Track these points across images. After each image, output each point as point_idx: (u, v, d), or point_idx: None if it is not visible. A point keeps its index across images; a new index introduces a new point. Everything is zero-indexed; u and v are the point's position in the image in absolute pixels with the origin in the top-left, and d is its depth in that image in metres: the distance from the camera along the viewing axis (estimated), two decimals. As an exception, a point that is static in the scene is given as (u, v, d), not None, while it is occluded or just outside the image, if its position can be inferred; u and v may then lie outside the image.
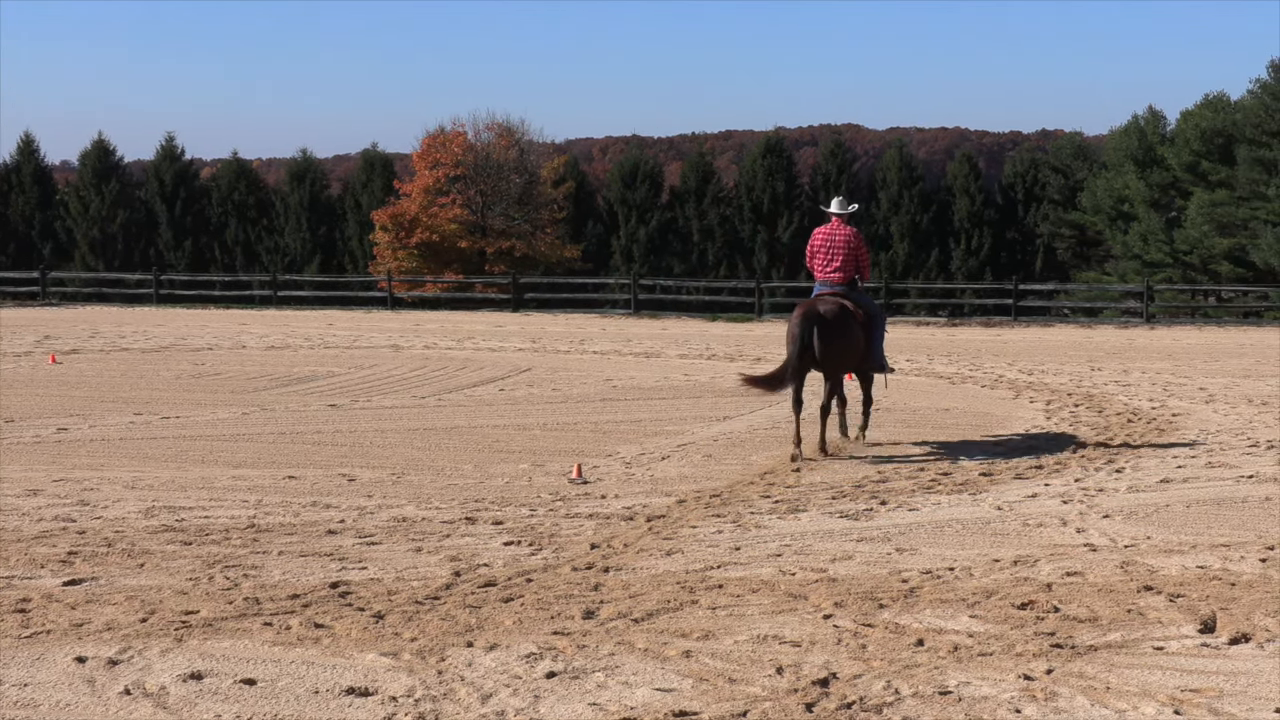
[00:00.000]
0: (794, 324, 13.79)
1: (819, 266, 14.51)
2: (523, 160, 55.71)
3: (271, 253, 65.99)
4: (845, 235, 14.48)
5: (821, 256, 14.50)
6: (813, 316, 13.79)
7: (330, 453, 13.80)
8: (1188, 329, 35.24)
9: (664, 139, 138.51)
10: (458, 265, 53.61)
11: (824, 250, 14.49)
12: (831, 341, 13.78)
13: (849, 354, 14.15)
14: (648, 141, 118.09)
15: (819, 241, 14.56)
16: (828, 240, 14.50)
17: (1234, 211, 54.34)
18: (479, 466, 13.01)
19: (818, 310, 13.88)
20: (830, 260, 14.42)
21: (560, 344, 28.63)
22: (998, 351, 26.93)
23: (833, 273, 14.41)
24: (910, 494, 11.56)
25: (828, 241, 14.50)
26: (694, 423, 16.24)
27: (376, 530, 9.99)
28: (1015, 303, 39.28)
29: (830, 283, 14.41)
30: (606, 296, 46.37)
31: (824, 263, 14.47)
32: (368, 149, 69.18)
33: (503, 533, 9.94)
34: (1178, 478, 12.33)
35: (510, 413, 17.18)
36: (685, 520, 10.42)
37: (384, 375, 21.79)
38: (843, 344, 13.94)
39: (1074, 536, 9.82)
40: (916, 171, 67.35)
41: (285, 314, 40.32)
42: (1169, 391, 19.62)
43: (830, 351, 13.81)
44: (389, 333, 31.66)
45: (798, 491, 11.69)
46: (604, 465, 13.13)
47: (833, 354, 13.87)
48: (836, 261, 14.39)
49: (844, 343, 13.94)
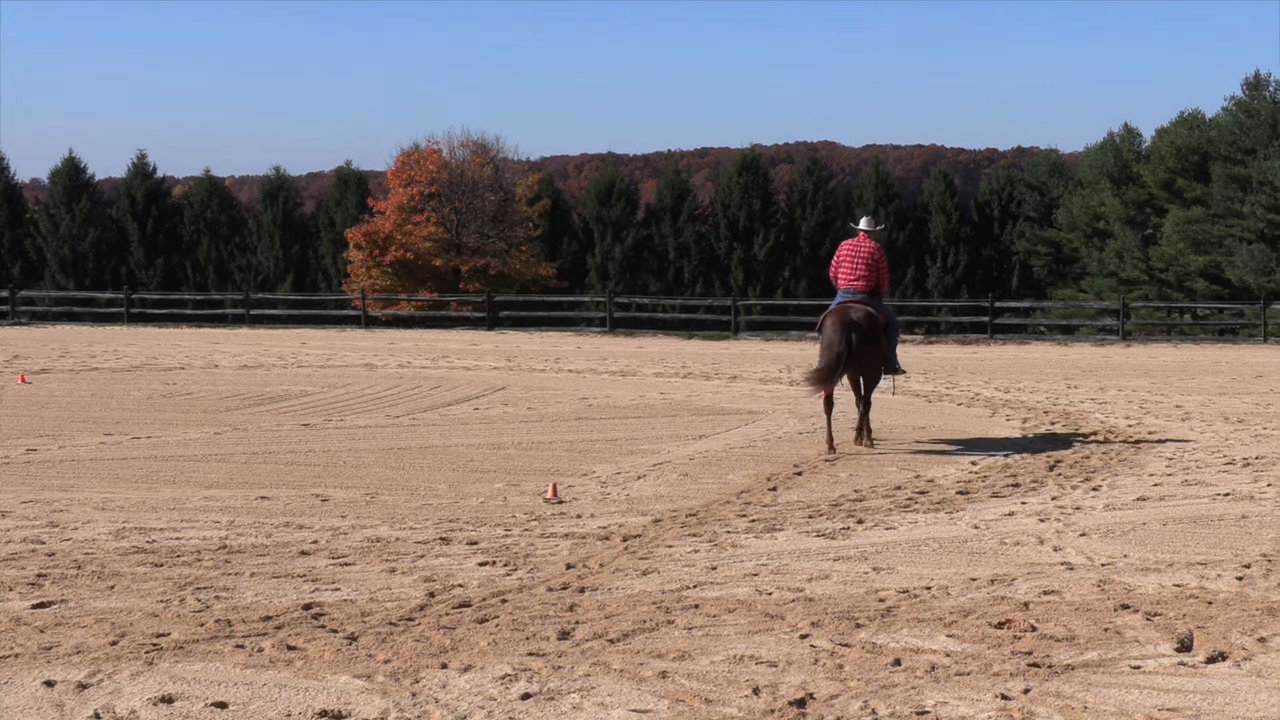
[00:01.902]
0: (830, 330, 15.19)
1: (844, 275, 15.81)
2: (498, 178, 55.77)
3: (244, 271, 65.84)
4: (870, 249, 15.85)
5: (847, 267, 15.81)
6: (849, 323, 15.16)
7: (303, 473, 13.75)
8: (1164, 346, 35.42)
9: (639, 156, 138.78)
10: (432, 283, 53.61)
11: (849, 261, 15.82)
12: (865, 344, 15.23)
13: (878, 356, 15.59)
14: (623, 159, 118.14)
15: (845, 253, 15.90)
16: (853, 252, 15.86)
17: (1209, 229, 54.69)
18: (453, 486, 12.98)
19: (851, 317, 15.24)
20: (855, 270, 15.76)
21: (535, 362, 28.61)
22: (974, 369, 27.02)
23: (856, 281, 15.74)
24: (887, 512, 11.57)
25: (853, 254, 15.85)
26: (670, 441, 16.23)
27: (350, 551, 9.96)
28: (991, 320, 39.45)
29: (854, 290, 15.73)
30: (582, 314, 46.38)
31: (849, 272, 15.79)
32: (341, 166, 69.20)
33: (477, 553, 9.91)
34: (1154, 496, 12.38)
35: (485, 432, 17.15)
36: (661, 540, 10.41)
37: (358, 394, 21.74)
38: (874, 347, 15.41)
39: (1051, 555, 9.84)
40: (892, 189, 67.62)
41: (258, 333, 40.21)
42: (1145, 409, 19.70)
43: (865, 354, 15.28)
44: (363, 351, 31.59)
45: (774, 510, 11.69)
46: (579, 484, 13.11)
47: (866, 356, 15.34)
48: (861, 271, 15.75)
49: (875, 346, 15.41)
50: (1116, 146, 61.89)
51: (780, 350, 33.44)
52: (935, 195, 66.45)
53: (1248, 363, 28.81)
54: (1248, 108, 56.29)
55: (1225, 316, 47.35)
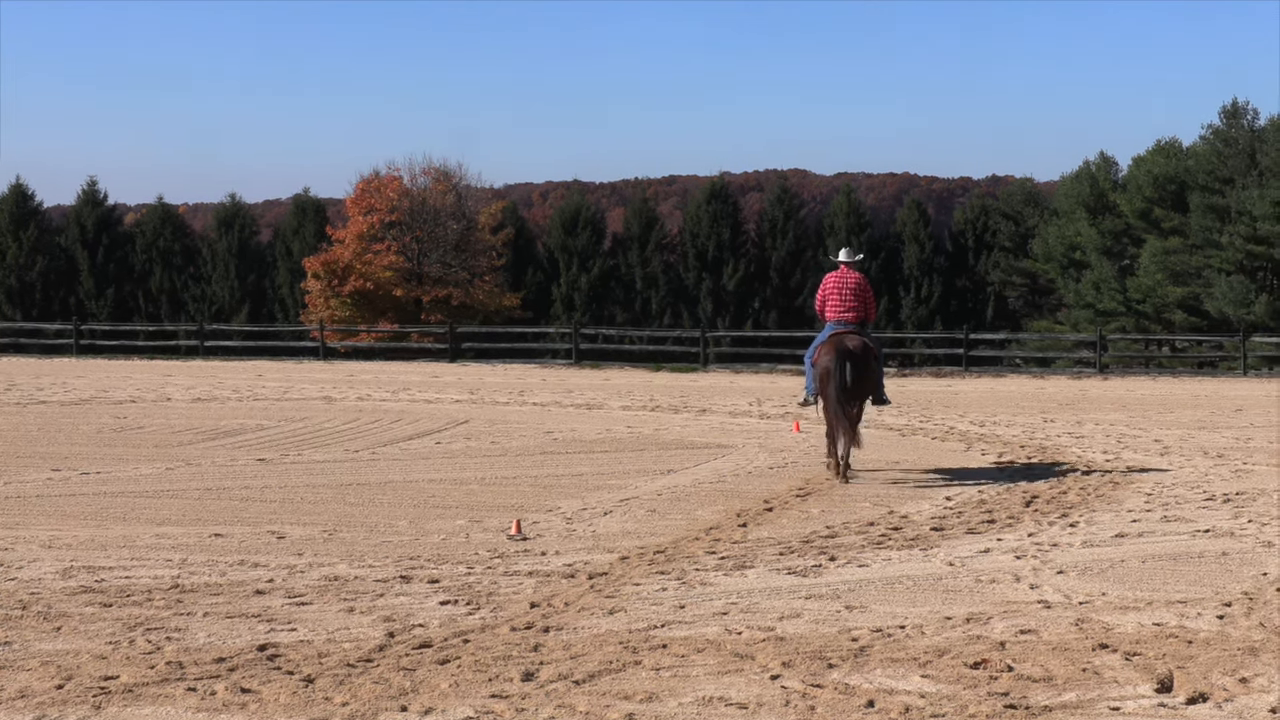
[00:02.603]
0: (826, 360, 15.78)
1: (832, 308, 16.37)
2: (460, 206, 55.81)
3: (198, 301, 65.62)
4: (855, 280, 16.44)
5: (835, 299, 16.37)
6: (844, 352, 15.73)
7: (259, 509, 13.68)
8: (1141, 379, 35.63)
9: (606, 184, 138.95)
10: (392, 314, 53.53)
11: (836, 294, 16.38)
12: (860, 374, 15.77)
13: (869, 387, 16.12)
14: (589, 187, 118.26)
15: (831, 286, 16.43)
16: (839, 285, 16.41)
17: (1187, 259, 55.09)
18: (414, 523, 12.94)
19: (847, 346, 15.82)
20: (844, 302, 16.33)
21: (499, 395, 28.57)
22: (948, 403, 27.11)
23: (846, 313, 16.32)
24: (860, 549, 11.58)
25: (839, 286, 16.41)
26: (637, 476, 16.22)
27: (307, 590, 9.90)
28: (966, 352, 39.61)
29: (844, 322, 16.31)
30: (547, 346, 46.37)
31: (837, 305, 16.35)
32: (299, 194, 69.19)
33: (439, 591, 9.87)
34: (1133, 532, 12.42)
35: (447, 467, 17.10)
36: (628, 578, 10.39)
37: (315, 428, 21.66)
38: (867, 377, 15.95)
39: (1027, 593, 9.86)
40: (865, 218, 67.99)
41: (212, 365, 40.04)
42: (1123, 443, 19.80)
43: (859, 383, 15.79)
44: (321, 384, 31.49)
45: (744, 547, 11.69)
46: (544, 521, 13.08)
47: (861, 385, 15.84)
48: (850, 303, 16.33)
49: (868, 376, 15.96)
50: (1093, 175, 62.39)
51: (750, 383, 33.48)
52: (908, 225, 66.84)
53: (1227, 396, 29.00)
54: (1225, 136, 56.85)
55: (1204, 349, 47.70)
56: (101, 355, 44.51)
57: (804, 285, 65.10)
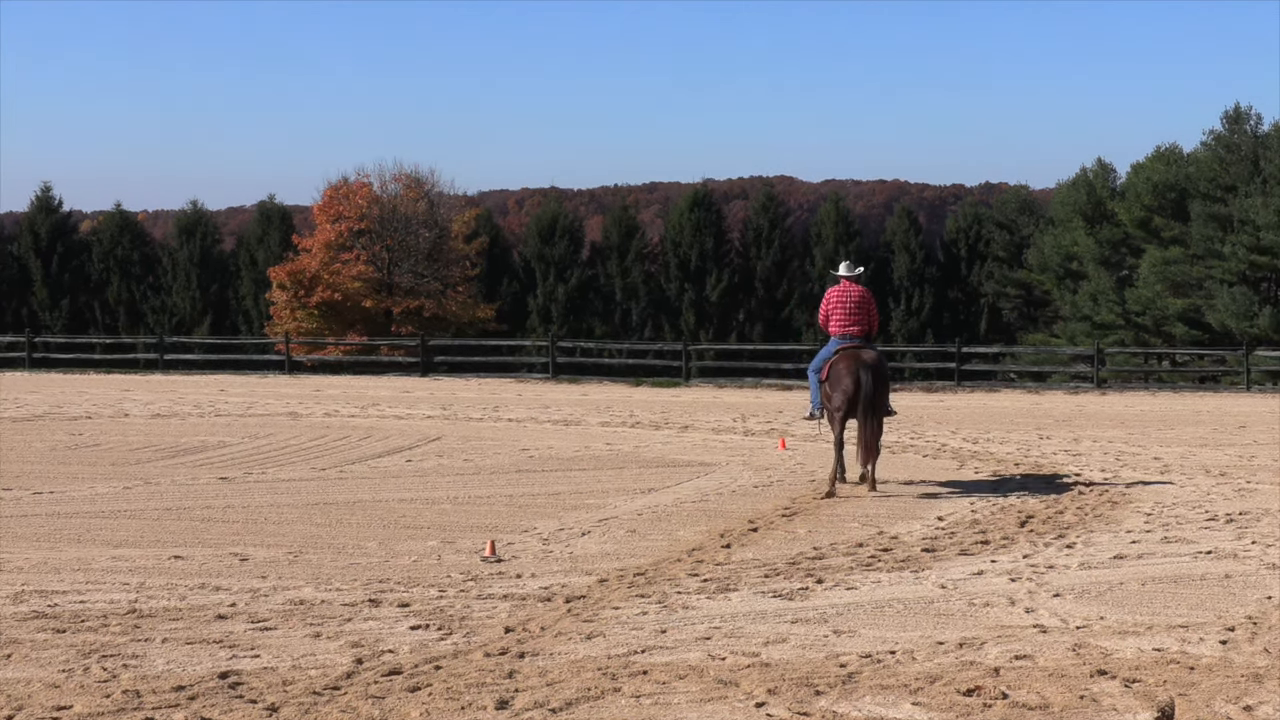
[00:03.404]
0: (844, 371, 16.39)
1: (836, 322, 16.90)
2: (432, 213, 55.79)
3: (158, 313, 65.45)
4: (858, 294, 16.96)
5: (839, 314, 16.89)
6: (862, 363, 16.38)
7: (221, 530, 13.64)
8: (1141, 394, 35.72)
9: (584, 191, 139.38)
10: (362, 326, 53.47)
11: (840, 308, 16.90)
12: (876, 386, 16.35)
13: (885, 399, 16.72)
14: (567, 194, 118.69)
15: (834, 301, 16.95)
16: (843, 299, 16.92)
17: (1188, 270, 55.25)
18: (384, 544, 12.91)
19: (863, 358, 16.46)
20: (848, 316, 16.84)
21: (472, 411, 28.54)
22: (940, 419, 27.16)
23: (851, 326, 16.82)
24: (848, 571, 11.59)
25: (843, 300, 16.91)
26: (617, 495, 16.22)
27: (271, 614, 9.87)
28: (958, 366, 39.66)
29: (850, 336, 16.82)
30: (522, 360, 46.35)
31: (841, 319, 16.87)
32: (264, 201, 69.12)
33: (409, 616, 9.85)
34: (1132, 554, 12.45)
35: (418, 485, 17.08)
36: (607, 601, 10.38)
37: (280, 445, 21.61)
38: (883, 390, 16.57)
39: (1023, 617, 9.87)
40: (853, 226, 68.13)
41: (173, 379, 39.93)
42: (1122, 461, 19.85)
43: (878, 395, 16.39)
44: (286, 399, 31.43)
45: (728, 569, 11.68)
46: (519, 542, 13.07)
47: (879, 397, 16.43)
48: (855, 316, 16.85)
49: (884, 389, 16.60)
50: (1090, 183, 62.59)
51: (734, 398, 33.50)
52: (899, 233, 66.99)
53: (1230, 412, 29.09)
54: (1228, 142, 57.08)
55: (1206, 363, 47.82)
56: (56, 369, 44.34)
57: (790, 297, 65.22)
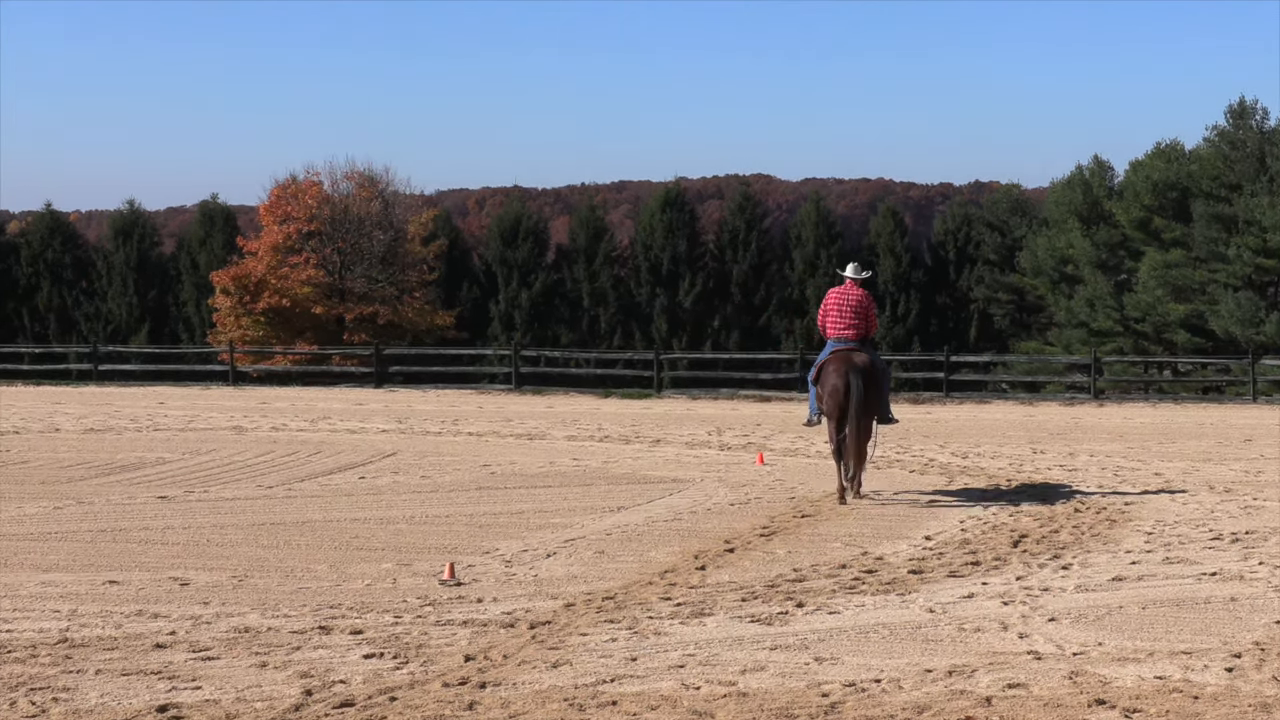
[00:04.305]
0: (834, 375, 17.14)
1: (832, 325, 17.71)
2: (387, 214, 55.67)
3: (92, 320, 65.15)
4: (858, 297, 17.78)
5: (835, 316, 17.71)
6: (853, 367, 17.14)
7: (160, 553, 13.59)
8: (1140, 406, 35.88)
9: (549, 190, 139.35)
10: (311, 334, 53.31)
11: (837, 310, 17.72)
12: (867, 391, 17.09)
13: (876, 405, 17.49)
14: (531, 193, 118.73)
15: (832, 303, 17.80)
16: (841, 301, 17.76)
17: (1190, 274, 55.38)
18: (335, 567, 12.88)
19: (854, 361, 17.26)
20: (843, 319, 17.64)
21: (430, 424, 28.50)
22: (928, 432, 27.22)
23: (846, 330, 17.63)
24: (831, 594, 11.60)
25: (841, 302, 17.75)
26: (584, 514, 16.22)
27: (214, 643, 9.83)
28: (947, 376, 39.79)
29: (845, 339, 17.62)
30: (484, 370, 46.26)
31: (837, 322, 17.68)
32: (206, 200, 68.79)
33: (362, 644, 9.82)
34: (1132, 575, 12.49)
35: (372, 504, 17.05)
36: (574, 627, 10.37)
37: (224, 462, 21.55)
38: (875, 395, 17.33)
39: (1016, 643, 9.89)
40: (835, 228, 68.17)
41: (108, 391, 39.77)
42: (1120, 477, 19.92)
43: (869, 399, 17.13)
44: (230, 412, 31.33)
45: (703, 592, 11.68)
46: (480, 564, 13.05)
47: (870, 401, 17.20)
48: (849, 319, 17.64)
49: (875, 394, 17.36)
50: (1086, 181, 62.75)
51: (709, 410, 33.54)
52: (883, 235, 67.06)
53: (1235, 424, 29.24)
54: (1232, 138, 57.32)
55: (1209, 373, 48.05)
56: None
57: (768, 302, 65.26)
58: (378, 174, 57.21)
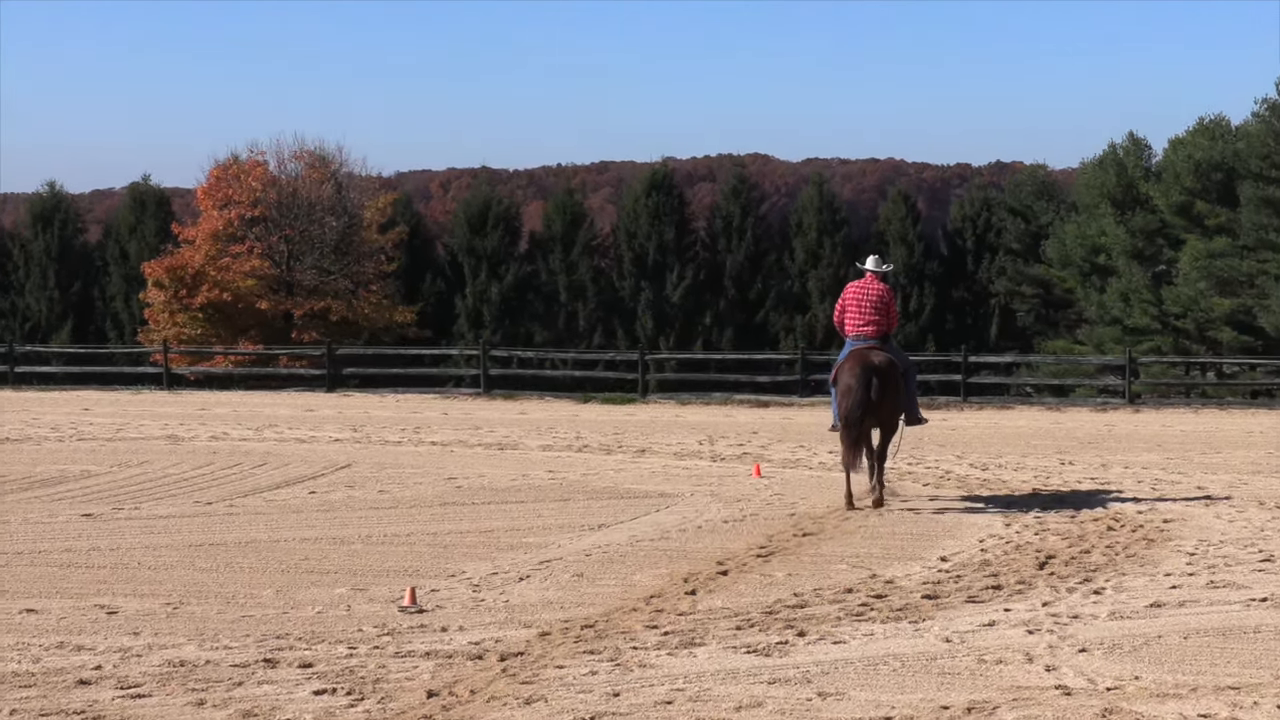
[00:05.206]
0: (848, 376, 17.78)
1: (851, 321, 18.36)
2: (340, 198, 55.65)
3: (7, 316, 65.08)
4: (878, 291, 18.39)
5: (854, 312, 18.34)
6: (869, 366, 17.75)
7: (84, 577, 13.56)
8: (1181, 412, 35.93)
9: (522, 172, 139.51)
10: (256, 332, 53.27)
11: (856, 306, 18.34)
12: (885, 391, 17.74)
13: (897, 405, 18.18)
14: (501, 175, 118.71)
15: (851, 297, 18.44)
16: (860, 296, 18.38)
17: (1237, 265, 55.43)
18: (282, 592, 12.86)
19: (871, 360, 17.84)
20: (863, 315, 18.27)
21: (389, 433, 28.49)
22: (943, 440, 27.25)
23: (866, 326, 18.27)
24: (836, 622, 11.60)
25: (860, 297, 18.36)
26: (560, 533, 16.21)
27: (145, 678, 9.81)
28: (965, 379, 39.83)
29: (864, 336, 18.26)
30: (449, 372, 46.24)
31: (856, 318, 18.31)
32: (137, 182, 68.75)
33: (313, 678, 9.81)
34: (1172, 601, 12.51)
35: (324, 522, 17.04)
36: (549, 659, 10.37)
37: (158, 475, 21.51)
38: (893, 395, 17.95)
39: (1042, 676, 9.90)
40: (840, 214, 68.27)
41: (25, 396, 39.70)
42: (1159, 491, 19.95)
43: (884, 401, 17.79)
44: (165, 419, 31.29)
45: (693, 620, 11.68)
46: (445, 588, 13.04)
47: (885, 404, 17.85)
48: (869, 315, 18.27)
49: (894, 394, 17.97)
50: (1120, 161, 62.86)
51: (700, 416, 33.55)
52: (893, 222, 67.18)
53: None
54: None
55: (1258, 374, 48.10)
56: (-114, 384, 44.05)
57: (765, 297, 65.34)
58: (330, 153, 57.27)
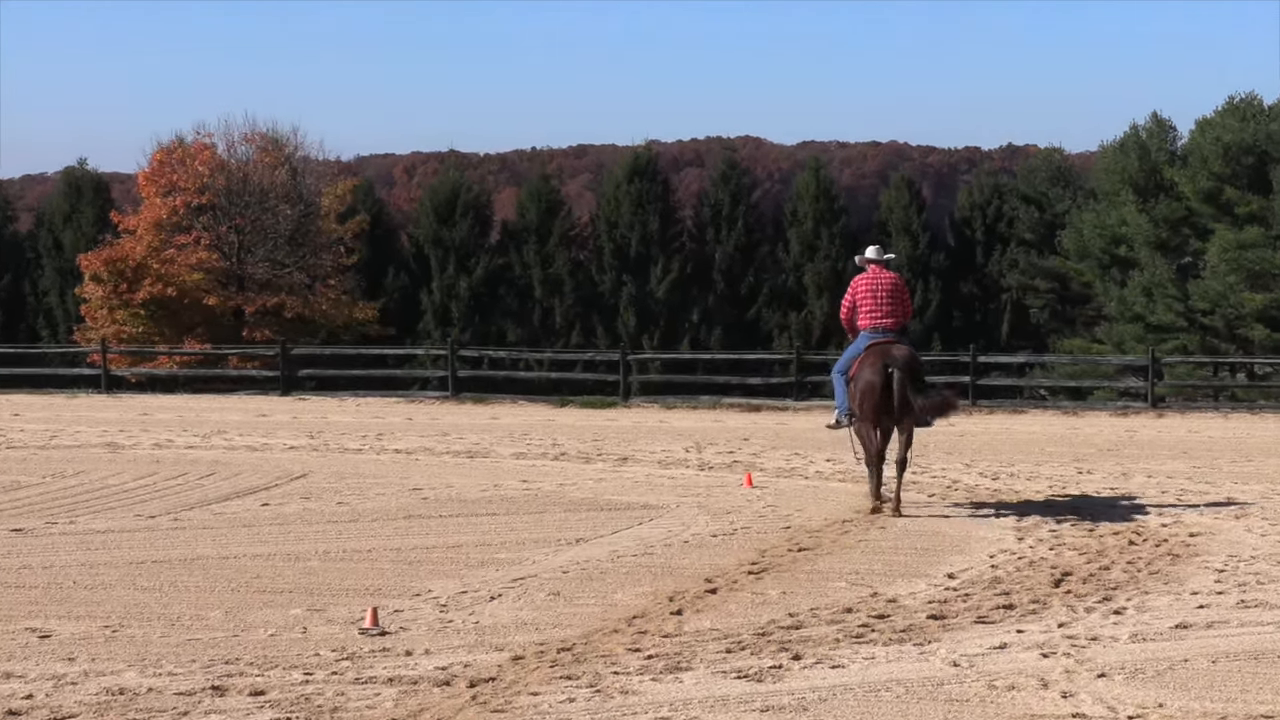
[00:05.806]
0: (870, 372, 18.00)
1: (866, 315, 18.69)
2: (295, 184, 55.59)
3: (-68, 313, 64.98)
4: (890, 280, 18.84)
5: (869, 305, 18.69)
6: (892, 360, 17.97)
7: (13, 598, 13.54)
8: (1209, 416, 35.98)
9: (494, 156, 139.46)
10: (203, 331, 53.19)
11: (870, 298, 18.70)
12: (913, 389, 17.87)
13: (927, 402, 18.19)
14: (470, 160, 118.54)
15: (863, 290, 18.78)
16: (873, 287, 18.74)
17: (1269, 256, 55.47)
18: (232, 614, 12.84)
19: (894, 354, 18.07)
20: (879, 307, 18.67)
21: (349, 439, 28.47)
22: (950, 447, 27.27)
23: (883, 319, 18.66)
24: (834, 644, 11.60)
25: (873, 288, 18.73)
26: (535, 548, 16.20)
27: (80, 708, 9.79)
28: (973, 380, 39.86)
29: (883, 329, 18.62)
30: (414, 373, 46.26)
31: (872, 311, 18.67)
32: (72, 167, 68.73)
33: (265, 706, 9.80)
34: (1199, 622, 12.52)
35: (277, 537, 17.02)
36: (523, 685, 10.36)
37: (96, 486, 21.47)
38: (921, 391, 18.06)
39: (1058, 703, 9.90)
40: (838, 202, 68.35)
41: (-46, 400, 39.61)
42: (1185, 502, 19.98)
43: (912, 399, 17.87)
44: (104, 425, 31.24)
45: (679, 643, 11.68)
46: (410, 609, 13.03)
47: (914, 402, 17.93)
48: (886, 307, 18.70)
49: (921, 390, 18.09)
50: (1142, 144, 62.93)
51: (687, 422, 33.55)
52: (896, 210, 67.26)
53: (1320, 438, 29.35)
54: (1318, 93, 57.43)
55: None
56: None
57: (758, 292, 65.37)
58: (284, 136, 57.20)
